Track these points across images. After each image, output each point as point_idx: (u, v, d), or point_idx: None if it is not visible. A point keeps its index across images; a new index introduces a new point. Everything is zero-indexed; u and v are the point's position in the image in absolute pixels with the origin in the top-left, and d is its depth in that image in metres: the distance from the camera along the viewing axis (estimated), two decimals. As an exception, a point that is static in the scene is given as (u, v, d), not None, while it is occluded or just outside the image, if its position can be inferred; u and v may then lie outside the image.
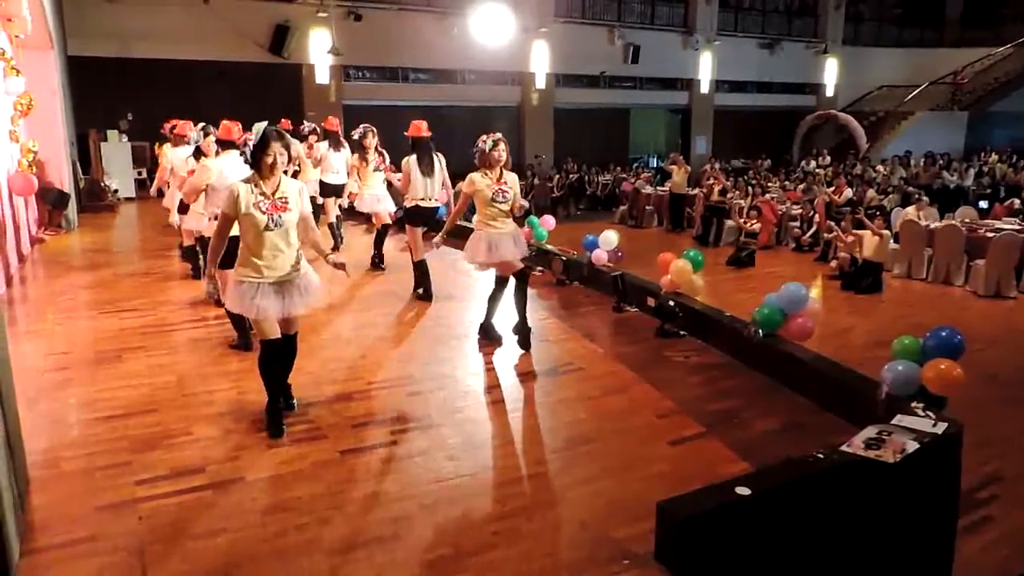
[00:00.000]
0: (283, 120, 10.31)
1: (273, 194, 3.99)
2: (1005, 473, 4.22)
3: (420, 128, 7.11)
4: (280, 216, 3.99)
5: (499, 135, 5.64)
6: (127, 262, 9.27)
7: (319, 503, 3.52)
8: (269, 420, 4.26)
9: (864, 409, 4.21)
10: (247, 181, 4.01)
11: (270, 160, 3.95)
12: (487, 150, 5.52)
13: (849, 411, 4.48)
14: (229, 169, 5.76)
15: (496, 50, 18.40)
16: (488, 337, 5.98)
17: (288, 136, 4.12)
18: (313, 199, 10.04)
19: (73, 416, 4.49)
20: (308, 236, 4.24)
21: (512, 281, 5.79)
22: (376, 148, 8.23)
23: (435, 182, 7.16)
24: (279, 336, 4.18)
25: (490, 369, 5.48)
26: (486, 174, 5.55)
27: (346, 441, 4.19)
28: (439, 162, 7.23)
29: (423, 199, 7.11)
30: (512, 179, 5.68)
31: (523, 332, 5.82)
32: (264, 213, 3.95)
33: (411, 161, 7.06)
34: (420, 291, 7.28)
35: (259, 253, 4.00)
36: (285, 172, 4.10)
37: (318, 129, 10.32)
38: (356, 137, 8.21)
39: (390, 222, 8.64)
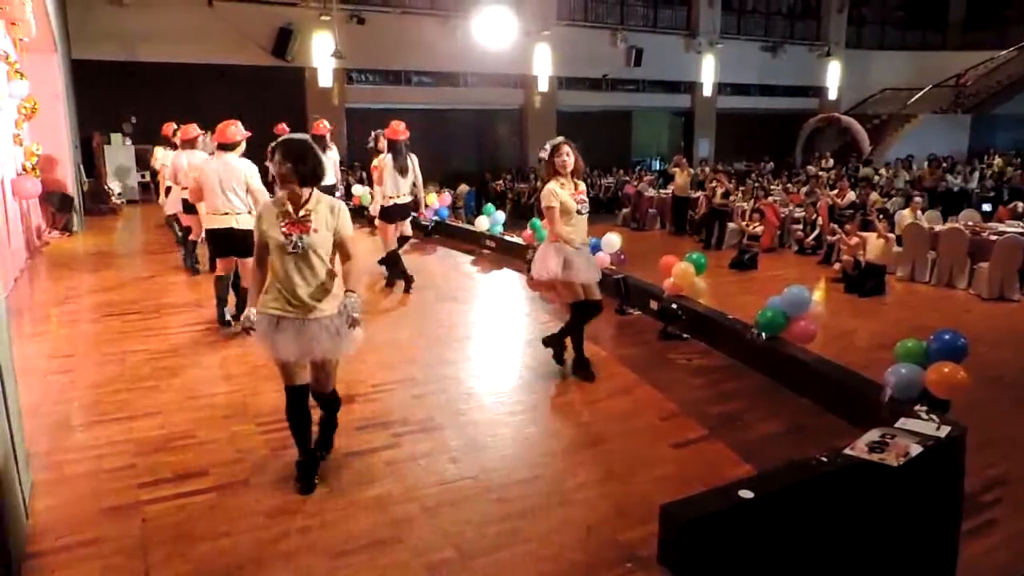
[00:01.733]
0: (279, 125, 10.37)
1: (296, 211, 3.48)
2: (1010, 476, 4.21)
3: (397, 130, 7.36)
4: (301, 237, 3.44)
5: (560, 138, 5.15)
6: (130, 265, 9.29)
7: (323, 505, 3.53)
8: (299, 474, 3.69)
9: (867, 412, 4.20)
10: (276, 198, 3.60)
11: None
12: (548, 156, 5.05)
13: (852, 414, 4.47)
14: (219, 167, 5.88)
15: (499, 53, 18.40)
16: (587, 372, 5.34)
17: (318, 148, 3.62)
18: None
19: (77, 419, 4.50)
20: (342, 266, 3.62)
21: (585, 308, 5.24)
22: None
23: (407, 181, 7.45)
24: (305, 383, 3.67)
25: (493, 371, 5.48)
26: (563, 184, 5.04)
27: (349, 443, 4.18)
28: (412, 162, 7.45)
29: (396, 196, 7.39)
30: (583, 186, 5.18)
31: (584, 364, 5.34)
32: (284, 234, 3.45)
33: (387, 160, 7.25)
34: (388, 281, 7.69)
35: (278, 280, 3.51)
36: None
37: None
38: (370, 144, 8.16)
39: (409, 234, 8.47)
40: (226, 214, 5.86)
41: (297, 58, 17.22)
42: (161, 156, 9.86)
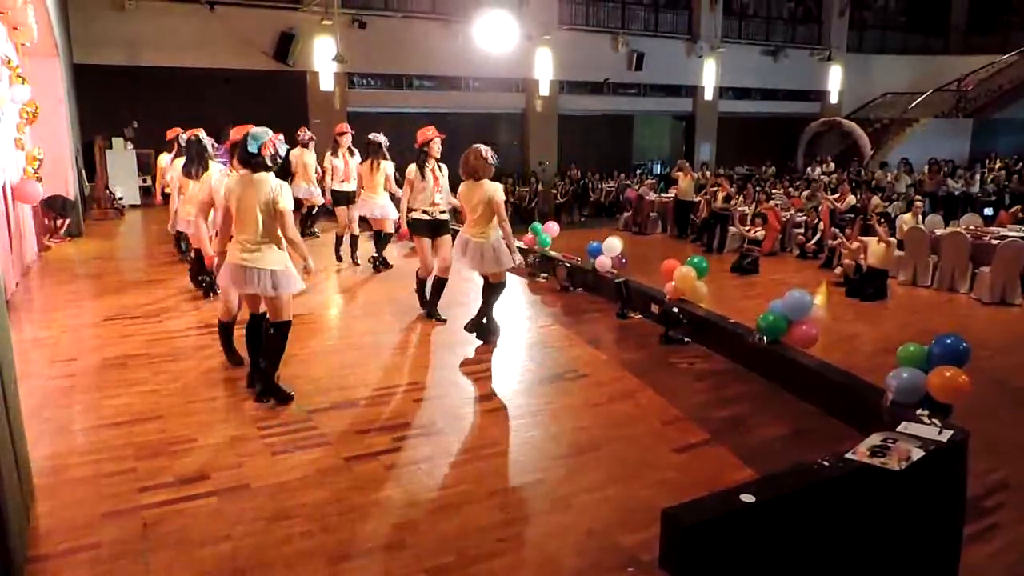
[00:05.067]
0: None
1: None
2: (1012, 480, 4.20)
3: (427, 135, 7.12)
4: None
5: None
6: (132, 269, 9.30)
7: (324, 510, 3.53)
8: (248, 380, 5.02)
9: (869, 416, 4.20)
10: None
11: None
12: (492, 161, 5.88)
13: (854, 418, 4.47)
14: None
15: (500, 57, 18.40)
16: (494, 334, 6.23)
17: None
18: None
19: (78, 423, 4.50)
20: None
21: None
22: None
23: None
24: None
25: (495, 375, 5.48)
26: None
27: (351, 448, 4.19)
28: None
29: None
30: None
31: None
32: None
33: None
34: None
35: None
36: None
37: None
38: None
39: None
40: None
41: (299, 62, 17.23)
42: (165, 162, 9.58)
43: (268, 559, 3.15)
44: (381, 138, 8.54)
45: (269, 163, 4.56)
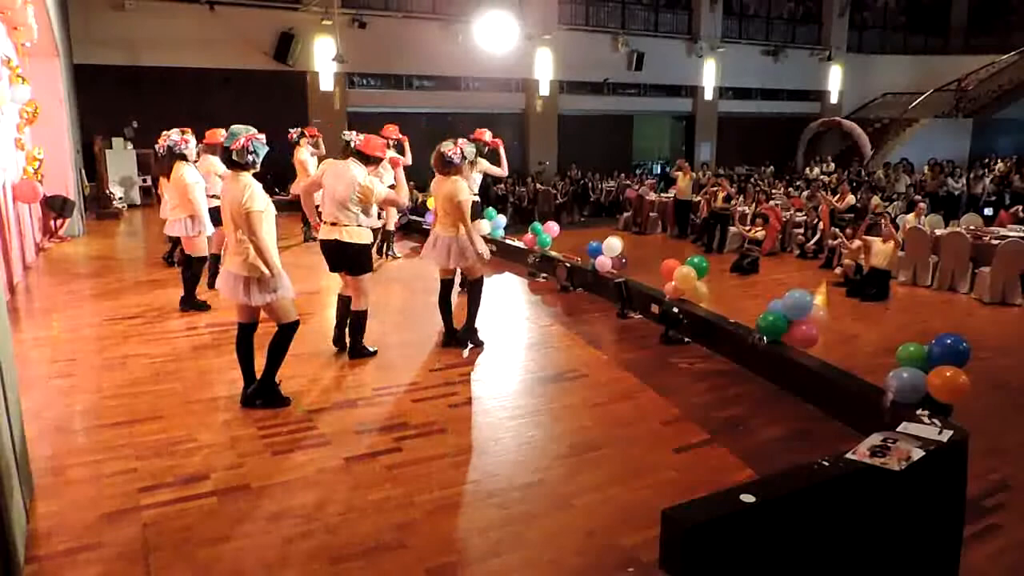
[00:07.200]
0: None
1: None
2: (1012, 481, 4.19)
3: (481, 134, 7.75)
4: None
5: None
6: (132, 269, 9.30)
7: (324, 510, 3.53)
8: (242, 395, 4.81)
9: (869, 416, 4.19)
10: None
11: None
12: (469, 160, 5.96)
13: (854, 418, 4.47)
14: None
15: (500, 57, 18.42)
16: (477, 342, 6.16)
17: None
18: None
19: (78, 423, 4.50)
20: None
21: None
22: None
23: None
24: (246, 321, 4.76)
25: (495, 375, 5.48)
26: None
27: (351, 448, 4.19)
28: None
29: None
30: None
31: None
32: None
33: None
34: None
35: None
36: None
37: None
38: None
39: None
40: (334, 224, 5.39)
41: (299, 62, 17.24)
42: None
43: (268, 560, 3.14)
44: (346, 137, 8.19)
45: (237, 159, 4.39)
